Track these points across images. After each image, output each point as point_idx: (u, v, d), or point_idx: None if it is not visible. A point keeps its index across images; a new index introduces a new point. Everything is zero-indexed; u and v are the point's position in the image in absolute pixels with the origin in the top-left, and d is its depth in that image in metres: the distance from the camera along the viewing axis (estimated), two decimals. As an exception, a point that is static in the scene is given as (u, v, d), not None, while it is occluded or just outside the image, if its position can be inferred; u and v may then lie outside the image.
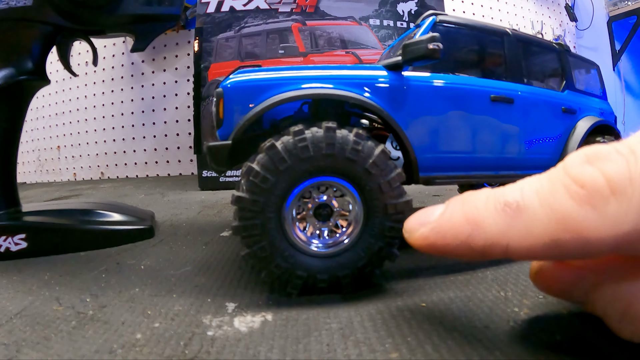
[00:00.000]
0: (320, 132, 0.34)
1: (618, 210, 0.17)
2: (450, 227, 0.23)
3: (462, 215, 0.22)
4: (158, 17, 0.61)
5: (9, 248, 0.52)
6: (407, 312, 0.32)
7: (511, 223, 0.20)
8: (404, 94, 0.42)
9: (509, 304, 0.33)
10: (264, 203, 0.33)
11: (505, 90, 0.49)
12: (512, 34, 0.54)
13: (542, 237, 0.19)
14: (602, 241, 0.18)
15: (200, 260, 0.48)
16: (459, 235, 0.22)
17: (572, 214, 0.18)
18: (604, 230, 0.18)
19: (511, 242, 0.20)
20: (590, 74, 0.71)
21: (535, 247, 0.20)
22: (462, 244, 0.22)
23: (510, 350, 0.26)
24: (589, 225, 0.18)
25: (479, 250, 0.22)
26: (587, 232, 0.18)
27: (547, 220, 0.19)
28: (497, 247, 0.21)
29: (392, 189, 0.34)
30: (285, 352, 0.27)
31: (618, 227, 0.17)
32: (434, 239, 0.23)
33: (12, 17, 0.54)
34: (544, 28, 2.21)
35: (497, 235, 0.21)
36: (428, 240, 0.24)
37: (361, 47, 1.28)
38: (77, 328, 0.31)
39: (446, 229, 0.23)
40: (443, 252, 0.24)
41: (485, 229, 0.21)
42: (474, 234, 0.21)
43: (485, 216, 0.21)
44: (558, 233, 0.19)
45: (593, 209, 0.18)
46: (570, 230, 0.18)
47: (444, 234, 0.23)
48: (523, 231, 0.20)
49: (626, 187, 0.17)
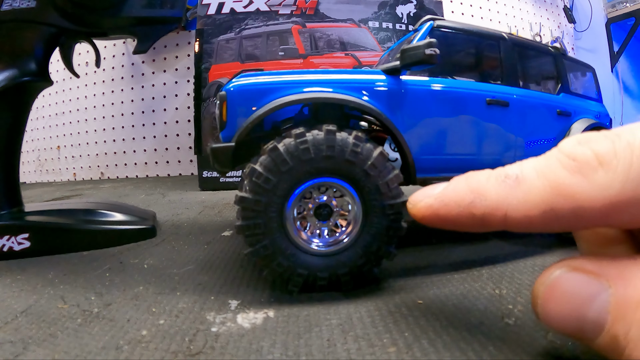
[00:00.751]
0: (321, 134, 0.34)
1: (605, 177, 0.19)
2: (453, 195, 0.24)
3: (465, 185, 0.24)
4: (160, 20, 0.61)
5: (12, 247, 0.52)
6: (404, 308, 0.33)
7: (510, 192, 0.22)
8: (402, 97, 0.43)
9: (504, 301, 0.34)
10: (267, 203, 0.34)
11: (500, 93, 0.50)
12: (508, 38, 0.55)
13: (538, 203, 0.21)
14: (593, 206, 0.20)
15: (202, 259, 0.49)
16: (461, 202, 0.24)
17: (565, 181, 0.20)
18: (593, 195, 0.19)
19: (510, 209, 0.22)
20: (586, 77, 0.72)
21: (532, 213, 0.21)
22: (464, 210, 0.23)
23: (504, 346, 0.26)
24: (580, 190, 0.20)
25: (479, 216, 0.23)
26: (578, 196, 0.20)
27: (543, 188, 0.21)
28: (496, 213, 0.22)
29: (390, 189, 0.35)
30: (287, 347, 0.27)
31: (606, 192, 0.19)
32: (437, 207, 0.25)
33: (15, 19, 0.54)
34: (542, 30, 2.22)
35: (497, 202, 0.22)
36: (431, 209, 0.25)
37: (360, 49, 1.29)
38: (83, 325, 0.31)
39: (449, 197, 0.24)
40: (445, 220, 0.25)
41: (486, 196, 0.23)
42: (475, 201, 0.23)
43: (487, 186, 0.23)
44: (553, 198, 0.20)
45: (583, 177, 0.20)
46: (564, 194, 0.20)
47: (447, 201, 0.24)
48: (521, 199, 0.21)
49: (612, 159, 0.19)
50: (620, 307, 0.19)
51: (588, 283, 0.20)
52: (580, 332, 0.20)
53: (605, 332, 0.20)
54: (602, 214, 0.20)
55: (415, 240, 0.54)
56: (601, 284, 0.20)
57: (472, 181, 0.24)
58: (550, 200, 0.21)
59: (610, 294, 0.20)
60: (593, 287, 0.20)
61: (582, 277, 0.21)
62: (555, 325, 0.21)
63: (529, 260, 0.45)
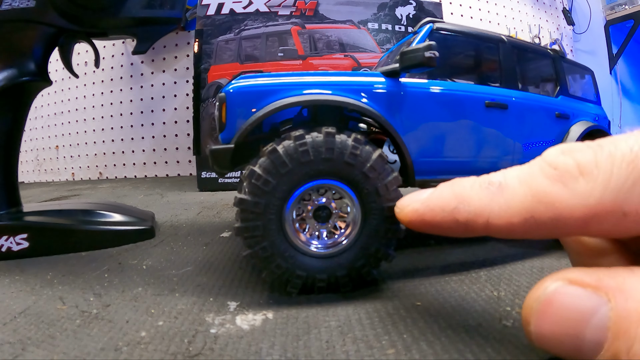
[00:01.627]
0: (320, 137, 0.35)
1: (585, 187, 0.20)
2: (438, 201, 0.25)
3: (450, 192, 0.25)
4: (160, 20, 0.61)
5: (10, 248, 0.52)
6: (403, 310, 0.33)
7: (493, 198, 0.22)
8: (401, 100, 0.43)
9: (502, 303, 0.34)
10: (266, 205, 0.34)
11: (499, 96, 0.50)
12: (508, 41, 0.55)
13: (519, 210, 0.21)
14: (572, 214, 0.20)
15: (201, 261, 0.49)
16: (445, 207, 0.24)
17: (546, 189, 0.21)
18: (573, 204, 0.20)
19: (492, 215, 0.22)
20: (585, 79, 0.72)
21: (513, 219, 0.21)
22: (448, 215, 0.24)
23: (501, 347, 0.26)
24: (560, 198, 0.20)
25: (463, 222, 0.24)
26: (558, 205, 0.20)
27: (524, 196, 0.21)
28: (479, 219, 0.23)
29: (388, 192, 0.35)
30: (286, 348, 0.27)
31: (585, 201, 0.20)
32: (422, 212, 0.26)
33: (14, 19, 0.54)
34: (541, 32, 2.23)
35: (480, 208, 0.23)
36: (417, 213, 0.26)
37: (360, 50, 1.29)
38: (81, 326, 0.31)
39: (435, 203, 0.25)
40: (430, 225, 0.26)
41: (469, 202, 0.23)
42: (459, 207, 0.24)
43: (471, 192, 0.23)
44: (533, 206, 0.21)
45: (564, 186, 0.20)
46: (544, 202, 0.20)
47: (433, 207, 0.25)
48: (503, 205, 0.22)
49: (592, 169, 0.20)
50: (621, 321, 0.18)
51: (586, 297, 0.19)
52: (577, 351, 0.19)
53: (605, 350, 0.18)
54: (582, 222, 0.20)
55: (414, 242, 0.55)
56: (600, 297, 0.19)
57: (457, 187, 0.25)
58: (531, 207, 0.21)
59: (610, 308, 0.18)
60: (592, 302, 0.19)
61: (580, 291, 0.19)
62: (550, 345, 0.20)
63: (527, 263, 0.45)
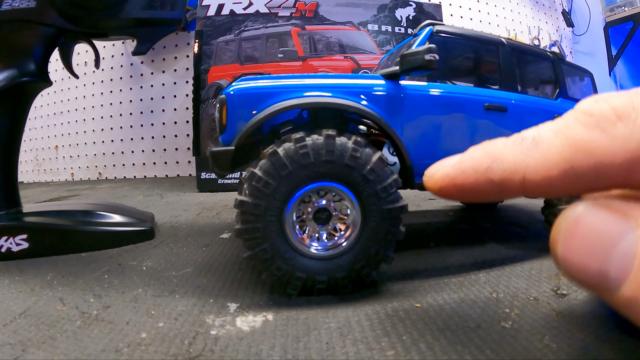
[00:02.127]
0: (321, 139, 0.35)
1: (624, 131, 0.19)
2: (470, 162, 0.24)
3: (482, 151, 0.23)
4: (160, 21, 0.62)
5: (10, 248, 0.52)
6: (402, 312, 0.33)
7: (528, 153, 0.21)
8: (401, 102, 0.44)
9: (501, 305, 0.34)
10: (266, 207, 0.34)
11: (499, 98, 0.50)
12: (507, 44, 0.55)
13: (557, 162, 0.20)
14: (613, 160, 0.19)
15: (201, 262, 0.49)
16: (478, 168, 0.23)
17: (583, 136, 0.20)
18: (613, 149, 0.19)
19: (528, 171, 0.21)
20: (584, 81, 0.72)
21: (551, 173, 0.20)
22: (482, 176, 0.23)
23: (500, 349, 0.27)
24: (599, 145, 0.19)
25: (497, 181, 0.22)
26: (598, 151, 0.19)
27: (562, 146, 0.20)
28: (515, 176, 0.22)
29: (388, 194, 0.36)
30: (286, 350, 0.28)
31: (626, 145, 0.19)
32: (454, 175, 0.24)
33: (15, 19, 0.54)
34: (540, 33, 2.23)
35: (515, 164, 0.22)
36: (449, 177, 0.24)
37: (359, 52, 1.29)
38: (82, 328, 0.31)
39: (466, 165, 0.24)
40: (462, 190, 0.24)
41: (503, 159, 0.22)
42: (492, 166, 0.22)
43: (504, 150, 0.22)
44: (572, 155, 0.20)
45: (602, 131, 0.19)
46: (583, 150, 0.20)
47: (464, 168, 0.24)
48: (540, 159, 0.21)
49: (630, 113, 0.19)
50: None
51: (615, 221, 0.19)
52: (602, 279, 0.19)
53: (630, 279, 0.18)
54: (624, 169, 0.19)
55: (413, 244, 0.55)
56: (629, 223, 0.19)
57: (488, 147, 0.23)
58: (570, 157, 0.20)
59: (638, 235, 0.18)
60: (620, 226, 0.19)
61: (609, 215, 0.19)
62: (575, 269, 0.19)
63: (526, 265, 0.46)
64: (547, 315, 0.32)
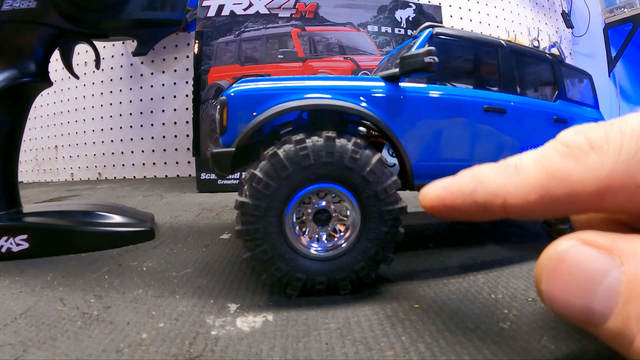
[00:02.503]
0: (321, 141, 0.35)
1: (596, 160, 0.21)
2: (458, 185, 0.26)
3: (469, 176, 0.26)
4: (160, 22, 0.62)
5: (10, 249, 0.52)
6: (401, 313, 0.33)
7: (510, 179, 0.23)
8: (400, 104, 0.44)
9: (499, 306, 0.34)
10: (266, 208, 0.34)
11: (498, 100, 0.50)
12: (507, 46, 0.56)
13: (534, 188, 0.22)
14: (585, 187, 0.21)
15: (201, 262, 0.49)
16: (464, 190, 0.25)
17: (559, 165, 0.21)
18: (585, 177, 0.21)
19: (509, 195, 0.23)
20: (583, 83, 0.73)
21: (529, 197, 0.22)
22: (468, 198, 0.25)
23: (499, 350, 0.27)
24: (573, 173, 0.21)
25: (481, 203, 0.24)
26: (571, 179, 0.21)
27: (539, 174, 0.22)
28: (497, 199, 0.24)
29: (388, 195, 0.36)
30: (286, 350, 0.28)
31: (597, 174, 0.20)
32: (444, 196, 0.26)
33: (15, 19, 0.54)
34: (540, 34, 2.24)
35: (497, 189, 0.24)
36: (439, 198, 0.27)
37: (359, 53, 1.29)
38: (82, 328, 0.32)
39: (455, 187, 0.26)
40: (451, 209, 0.26)
41: (487, 184, 0.24)
42: (477, 189, 0.24)
43: (489, 175, 0.24)
44: (548, 182, 0.22)
45: (576, 161, 0.21)
46: (558, 178, 0.21)
47: (453, 190, 0.26)
48: (519, 185, 0.23)
49: (603, 144, 0.21)
50: (632, 286, 0.18)
51: (599, 258, 0.19)
52: (587, 315, 0.19)
53: (614, 315, 0.18)
54: (595, 195, 0.21)
55: (413, 245, 0.55)
56: (613, 260, 0.19)
57: (475, 172, 0.26)
58: (546, 184, 0.22)
59: (622, 271, 0.18)
60: (604, 263, 0.19)
61: (593, 252, 0.20)
62: (560, 306, 0.20)
63: (525, 266, 0.46)
64: (545, 316, 0.32)
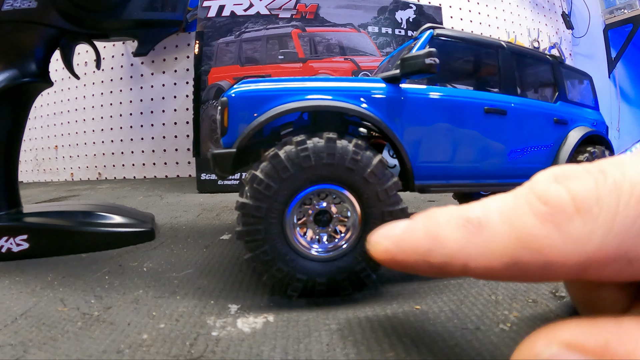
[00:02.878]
0: (322, 142, 0.35)
1: (582, 230, 0.16)
2: (411, 240, 0.21)
3: (423, 230, 0.21)
4: (161, 23, 0.62)
5: (10, 249, 0.52)
6: (402, 314, 0.33)
7: (471, 239, 0.19)
8: (401, 105, 0.44)
9: (499, 307, 0.34)
10: (267, 209, 0.34)
11: (498, 102, 0.51)
12: (507, 47, 0.56)
13: (501, 255, 0.18)
14: (565, 263, 0.17)
15: (201, 263, 0.49)
16: (418, 249, 0.21)
17: (533, 231, 0.17)
18: (566, 251, 0.17)
19: (470, 260, 0.19)
20: (583, 84, 0.73)
21: (494, 265, 0.18)
22: (421, 258, 0.21)
23: (499, 351, 0.27)
24: (550, 244, 0.17)
25: (437, 266, 0.20)
26: (548, 252, 0.17)
27: (508, 238, 0.18)
28: (455, 263, 0.20)
29: (388, 196, 0.36)
30: (287, 351, 0.28)
31: (581, 248, 0.16)
32: (394, 253, 0.22)
33: (16, 19, 0.54)
34: (540, 35, 2.24)
35: (455, 251, 0.19)
36: (389, 254, 0.22)
37: (360, 53, 1.30)
38: (83, 329, 0.31)
39: (407, 243, 0.22)
40: (403, 267, 0.22)
41: (444, 244, 0.20)
42: (433, 249, 0.20)
43: (446, 232, 0.20)
44: (518, 251, 0.17)
45: (556, 228, 0.17)
46: (531, 248, 0.17)
47: (405, 247, 0.22)
48: (482, 248, 0.18)
49: (592, 206, 0.16)
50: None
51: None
52: None
53: None
54: (577, 270, 0.17)
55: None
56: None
57: (430, 225, 0.21)
58: (515, 253, 0.17)
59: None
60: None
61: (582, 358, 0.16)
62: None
63: (525, 267, 0.46)
64: (545, 317, 0.32)
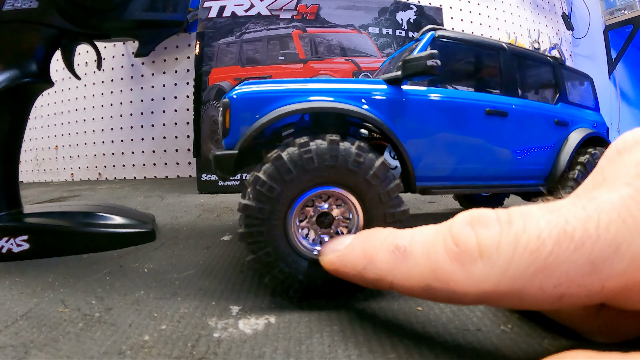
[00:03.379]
0: (324, 144, 0.35)
1: (482, 271, 0.20)
2: (350, 258, 0.27)
3: (361, 250, 0.26)
4: (162, 23, 0.62)
5: (11, 249, 0.52)
6: (403, 315, 0.33)
7: (397, 264, 0.23)
8: (402, 107, 0.44)
9: (501, 309, 0.34)
10: (270, 211, 0.34)
11: (499, 103, 0.51)
12: (508, 48, 0.56)
13: (418, 280, 0.22)
14: (466, 295, 0.21)
15: (202, 264, 0.49)
16: (356, 266, 0.26)
17: (443, 266, 0.21)
18: (467, 286, 0.20)
19: (395, 280, 0.24)
20: (584, 86, 0.73)
21: (413, 287, 0.23)
22: (358, 274, 0.26)
23: (500, 353, 0.27)
24: (455, 279, 0.21)
25: (370, 281, 0.25)
26: (453, 285, 0.21)
27: (424, 268, 0.22)
28: (384, 281, 0.24)
29: (390, 198, 0.36)
30: (289, 352, 0.28)
31: (480, 285, 0.20)
32: (337, 266, 0.28)
33: (17, 19, 0.54)
34: (540, 36, 2.25)
35: (385, 272, 0.24)
36: (333, 266, 0.28)
37: (360, 54, 1.30)
38: (84, 330, 0.31)
39: (347, 259, 0.27)
40: (345, 278, 0.28)
41: (376, 264, 0.25)
42: (367, 268, 0.25)
43: (379, 254, 0.25)
44: (430, 280, 0.22)
45: (461, 266, 0.21)
46: (440, 280, 0.21)
47: (346, 262, 0.27)
48: (405, 273, 0.23)
49: (492, 253, 0.20)
50: None
51: None
52: None
53: None
54: (476, 300, 0.21)
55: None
56: None
57: (367, 246, 0.26)
58: (429, 281, 0.22)
59: None
60: None
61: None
62: None
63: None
64: (546, 319, 0.32)
